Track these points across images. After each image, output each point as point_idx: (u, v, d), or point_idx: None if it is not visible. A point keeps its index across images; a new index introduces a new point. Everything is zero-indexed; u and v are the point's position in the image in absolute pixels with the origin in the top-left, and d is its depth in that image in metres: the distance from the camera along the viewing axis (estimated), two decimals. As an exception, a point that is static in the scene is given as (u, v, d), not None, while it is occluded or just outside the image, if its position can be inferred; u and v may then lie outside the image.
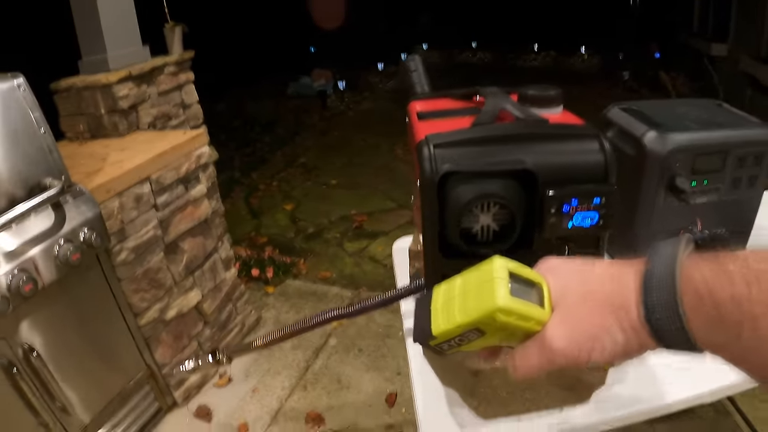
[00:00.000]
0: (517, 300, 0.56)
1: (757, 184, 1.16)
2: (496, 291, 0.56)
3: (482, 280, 0.59)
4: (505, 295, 0.56)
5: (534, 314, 0.56)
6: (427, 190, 0.71)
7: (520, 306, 0.56)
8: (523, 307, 0.56)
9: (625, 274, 0.56)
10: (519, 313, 0.56)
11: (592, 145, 0.74)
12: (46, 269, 1.73)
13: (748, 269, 0.45)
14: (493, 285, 0.57)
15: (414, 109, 0.94)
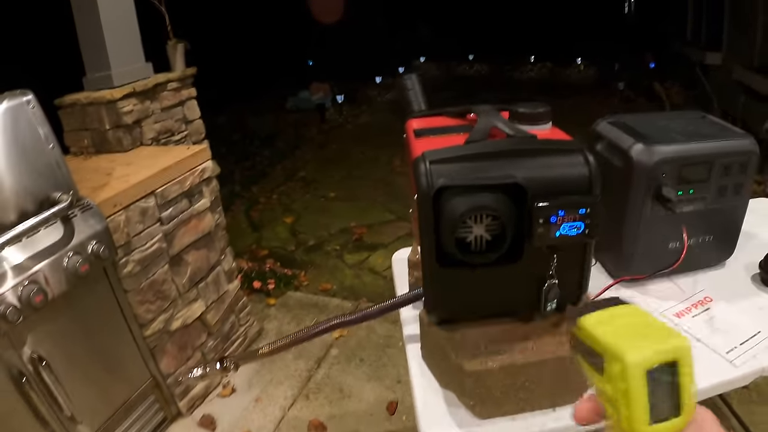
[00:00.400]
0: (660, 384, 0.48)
1: (743, 191, 1.22)
2: (641, 351, 0.48)
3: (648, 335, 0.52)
4: (643, 360, 0.47)
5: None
6: (424, 203, 0.76)
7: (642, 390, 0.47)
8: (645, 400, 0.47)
9: None
10: (638, 390, 0.47)
11: (578, 159, 0.79)
12: (56, 281, 1.78)
13: None
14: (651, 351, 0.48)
15: (411, 127, 1.00)
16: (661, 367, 0.47)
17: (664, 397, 0.47)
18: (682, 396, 0.47)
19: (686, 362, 0.48)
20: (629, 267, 1.25)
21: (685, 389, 0.48)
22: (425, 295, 0.91)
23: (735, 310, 1.16)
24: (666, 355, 0.47)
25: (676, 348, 0.48)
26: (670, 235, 1.22)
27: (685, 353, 0.48)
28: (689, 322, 1.13)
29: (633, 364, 0.47)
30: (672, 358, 0.47)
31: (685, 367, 0.48)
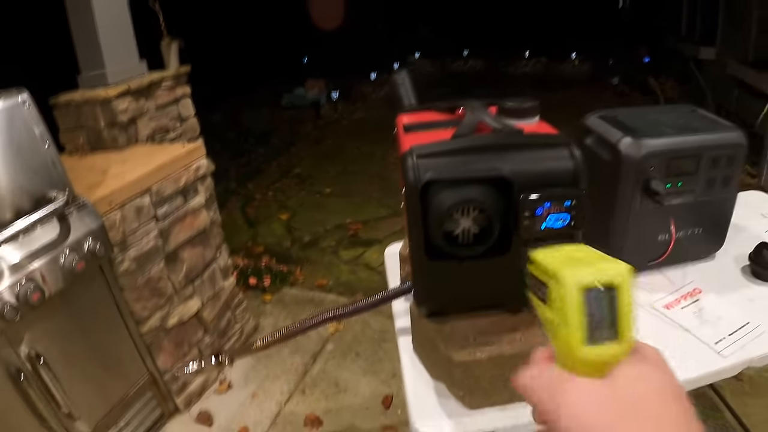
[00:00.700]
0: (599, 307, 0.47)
1: (732, 184, 1.24)
2: (582, 270, 0.48)
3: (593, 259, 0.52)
4: (580, 279, 0.47)
5: (606, 352, 0.47)
6: (411, 197, 0.77)
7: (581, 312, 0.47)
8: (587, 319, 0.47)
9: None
10: (580, 315, 0.47)
11: (563, 152, 0.80)
12: (53, 279, 1.79)
13: None
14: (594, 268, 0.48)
15: (401, 122, 1.01)
16: (599, 290, 0.47)
17: (602, 322, 0.47)
18: (621, 322, 0.47)
19: (625, 288, 0.47)
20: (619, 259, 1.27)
21: (625, 316, 0.47)
22: (414, 287, 0.92)
23: (724, 301, 1.18)
24: (604, 276, 0.47)
25: (615, 272, 0.48)
26: (659, 227, 1.23)
27: (624, 279, 0.48)
28: (678, 313, 1.14)
29: (569, 283, 0.47)
30: (611, 282, 0.47)
31: (625, 294, 0.47)
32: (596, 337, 0.46)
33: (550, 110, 0.99)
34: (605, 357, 0.47)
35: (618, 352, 0.47)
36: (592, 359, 0.47)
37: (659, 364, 0.49)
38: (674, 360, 0.99)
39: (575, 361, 0.47)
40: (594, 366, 0.47)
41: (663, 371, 0.48)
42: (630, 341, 0.47)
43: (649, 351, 0.50)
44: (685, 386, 0.98)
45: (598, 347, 0.46)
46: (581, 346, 0.46)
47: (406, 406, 0.99)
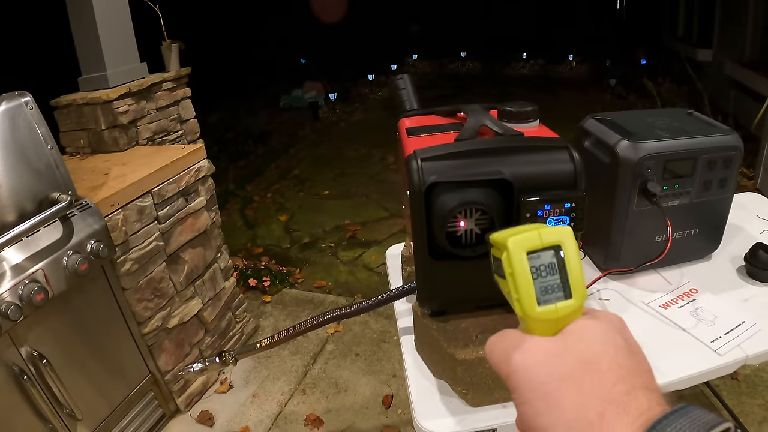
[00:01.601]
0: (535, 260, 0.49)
1: (728, 186, 1.26)
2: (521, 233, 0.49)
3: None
4: (522, 241, 0.49)
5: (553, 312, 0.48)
6: (416, 199, 0.79)
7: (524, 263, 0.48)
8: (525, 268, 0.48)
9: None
10: (521, 273, 0.48)
11: (563, 156, 0.83)
12: (56, 280, 1.81)
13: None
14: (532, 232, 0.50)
15: (403, 125, 1.03)
16: (543, 250, 0.49)
17: (552, 282, 0.48)
18: (571, 281, 0.49)
19: (569, 247, 0.49)
20: (616, 260, 1.29)
21: (573, 273, 0.49)
22: (418, 287, 0.94)
23: (720, 301, 1.20)
24: (546, 237, 0.49)
25: (556, 231, 0.50)
26: (656, 228, 1.25)
27: (567, 238, 0.49)
28: (675, 313, 1.16)
29: (512, 245, 0.48)
30: (553, 242, 0.49)
31: (570, 252, 0.49)
32: (547, 297, 0.48)
33: (547, 111, 1.01)
34: (557, 315, 0.48)
35: (570, 309, 0.48)
36: (544, 318, 0.48)
37: (613, 320, 0.49)
38: (672, 358, 1.02)
39: (531, 322, 0.49)
40: (548, 324, 0.48)
41: (616, 327, 0.48)
42: (581, 297, 0.49)
43: (604, 312, 0.51)
44: (682, 384, 1.01)
45: (550, 306, 0.48)
46: (534, 307, 0.48)
47: (406, 405, 1.01)
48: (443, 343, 0.93)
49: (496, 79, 9.45)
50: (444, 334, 0.94)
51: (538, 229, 0.50)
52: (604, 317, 0.50)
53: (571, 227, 0.81)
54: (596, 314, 0.50)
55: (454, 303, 0.96)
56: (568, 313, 0.48)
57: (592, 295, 1.27)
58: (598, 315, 0.50)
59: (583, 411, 0.42)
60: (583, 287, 0.49)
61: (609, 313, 0.51)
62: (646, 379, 0.45)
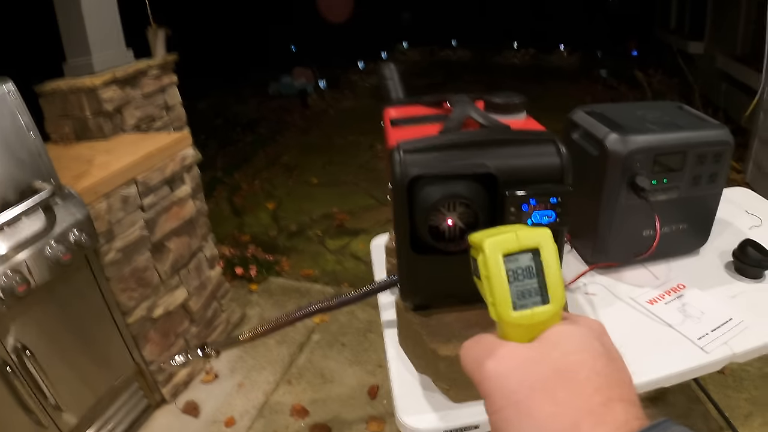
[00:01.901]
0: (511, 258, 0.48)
1: (717, 181, 1.25)
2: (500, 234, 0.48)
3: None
4: (498, 243, 0.48)
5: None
6: (398, 192, 0.77)
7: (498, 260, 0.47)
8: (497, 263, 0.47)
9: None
10: (495, 271, 0.47)
11: (549, 149, 0.81)
12: (38, 270, 1.78)
13: None
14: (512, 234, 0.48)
15: (388, 116, 1.01)
16: (521, 253, 0.48)
17: (529, 286, 0.47)
18: (549, 285, 0.47)
19: (548, 250, 0.48)
20: (604, 254, 1.28)
21: (551, 278, 0.48)
22: (400, 282, 0.93)
23: (707, 297, 1.19)
24: (523, 239, 0.48)
25: (535, 233, 0.48)
26: (645, 223, 1.24)
27: (545, 241, 0.48)
28: (662, 309, 1.15)
29: (488, 247, 0.47)
30: (531, 245, 0.48)
31: (548, 255, 0.48)
32: (524, 302, 0.47)
33: (537, 102, 0.99)
34: (533, 320, 0.47)
35: (547, 315, 0.47)
36: (519, 323, 0.47)
37: (593, 326, 0.48)
38: (657, 355, 1.01)
39: (506, 327, 0.47)
40: (524, 330, 0.47)
41: (596, 334, 0.47)
42: (559, 303, 0.47)
43: (584, 317, 0.50)
44: (668, 381, 1.00)
45: (526, 311, 0.47)
46: (509, 312, 0.46)
47: (391, 396, 0.99)
48: (425, 338, 0.91)
49: (487, 67, 9.42)
50: (427, 328, 0.93)
51: (516, 230, 0.49)
52: (584, 323, 0.48)
53: (556, 222, 0.80)
54: (575, 320, 0.49)
55: (437, 297, 0.94)
56: (545, 319, 0.47)
57: (578, 289, 1.26)
58: (578, 320, 0.49)
59: (557, 421, 0.41)
60: (561, 292, 0.48)
61: (589, 319, 0.49)
62: (625, 390, 0.44)
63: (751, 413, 2.18)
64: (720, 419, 2.16)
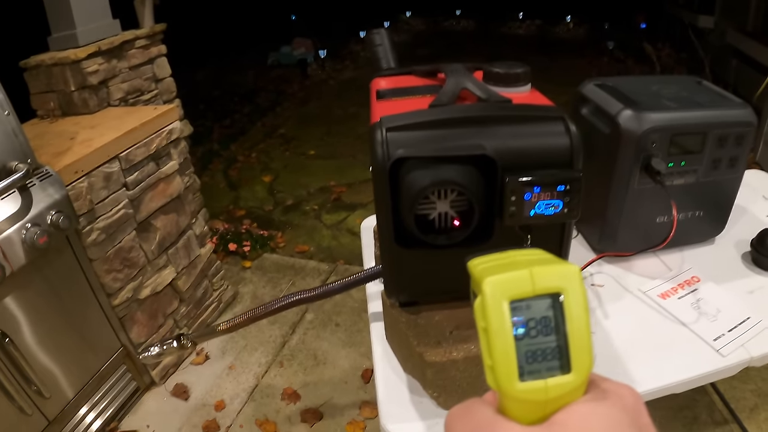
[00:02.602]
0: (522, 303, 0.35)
1: (738, 165, 1.13)
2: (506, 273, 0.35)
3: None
4: (503, 285, 0.35)
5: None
6: (379, 176, 0.67)
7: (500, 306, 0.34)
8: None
9: None
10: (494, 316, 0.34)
11: (557, 127, 0.70)
12: (14, 254, 1.69)
13: None
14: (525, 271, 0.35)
15: (375, 87, 0.90)
16: (535, 299, 0.34)
17: (543, 344, 0.34)
18: (571, 346, 0.34)
19: (575, 298, 0.34)
20: (613, 241, 1.17)
21: (576, 336, 0.34)
22: (384, 277, 0.82)
23: (723, 292, 1.09)
24: (540, 280, 0.34)
25: (558, 274, 0.35)
26: (658, 209, 1.13)
27: (573, 284, 0.35)
28: (675, 304, 1.05)
29: (492, 291, 0.34)
30: (552, 287, 0.34)
31: (574, 306, 0.34)
32: (535, 367, 0.34)
33: (542, 74, 0.88)
34: (546, 396, 0.34)
35: (566, 388, 0.34)
36: (527, 398, 0.34)
37: (627, 404, 0.35)
38: (669, 357, 0.91)
39: (507, 402, 0.35)
40: (532, 407, 0.34)
41: (631, 417, 0.34)
42: (584, 372, 0.34)
43: (616, 388, 0.36)
44: (680, 388, 0.90)
45: (537, 382, 0.34)
46: (513, 381, 0.34)
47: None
48: (412, 340, 0.81)
49: (491, 38, 9.22)
50: (414, 328, 0.82)
51: (532, 266, 0.35)
52: (615, 399, 0.34)
53: (563, 213, 0.70)
54: (604, 393, 0.35)
55: (425, 294, 0.83)
56: (563, 393, 0.34)
57: (585, 280, 1.15)
58: (607, 394, 0.35)
59: None
60: (588, 356, 0.35)
61: (621, 390, 0.36)
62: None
63: (756, 405, 2.09)
64: (725, 411, 2.07)
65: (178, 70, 3.01)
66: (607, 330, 1.00)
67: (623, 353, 0.94)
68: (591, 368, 0.34)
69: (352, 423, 2.20)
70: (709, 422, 2.05)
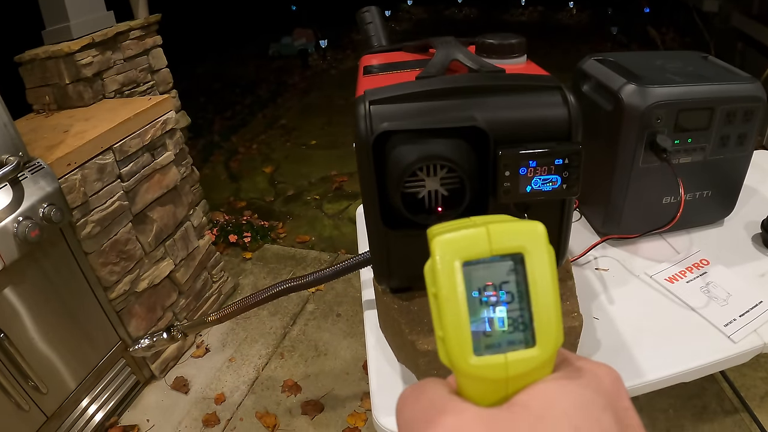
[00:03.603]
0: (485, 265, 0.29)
1: (747, 142, 1.08)
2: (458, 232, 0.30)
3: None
4: (455, 243, 0.29)
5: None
6: (363, 152, 0.62)
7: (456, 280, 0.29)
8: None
9: None
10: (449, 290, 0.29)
11: (554, 98, 0.65)
12: (6, 248, 1.66)
13: None
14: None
15: (364, 64, 0.85)
16: (493, 260, 0.29)
17: (503, 314, 0.29)
18: (537, 313, 0.29)
19: (538, 256, 0.29)
20: (618, 224, 1.12)
21: (541, 299, 0.29)
22: (372, 262, 0.77)
23: (734, 275, 1.04)
24: (497, 238, 0.29)
25: (516, 230, 0.29)
26: (665, 188, 1.08)
27: (534, 240, 0.29)
28: (683, 288, 1.00)
29: (440, 249, 0.29)
30: (512, 247, 0.29)
31: (538, 264, 0.29)
32: (493, 340, 0.29)
33: (544, 59, 0.83)
34: (506, 373, 0.28)
35: (530, 364, 0.29)
36: (484, 375, 0.28)
37: (602, 383, 0.29)
38: (678, 344, 0.86)
39: (463, 378, 0.29)
40: (490, 387, 0.29)
41: (606, 397, 0.28)
42: (550, 346, 0.29)
43: (590, 366, 0.30)
44: (690, 376, 0.85)
45: (495, 357, 0.28)
46: (467, 355, 0.28)
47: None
48: (404, 328, 0.76)
49: (494, 25, 9.12)
50: (406, 316, 0.78)
51: (489, 223, 0.29)
52: (589, 378, 0.29)
53: (562, 189, 0.65)
54: (576, 371, 0.30)
55: (417, 279, 0.79)
56: (527, 371, 0.29)
57: (588, 264, 1.11)
58: (580, 372, 0.29)
59: None
60: (556, 327, 0.29)
61: (598, 370, 0.30)
62: None
63: (767, 394, 2.04)
64: (735, 399, 2.02)
65: (179, 63, 2.97)
66: (611, 316, 0.96)
67: (629, 340, 0.90)
68: (559, 342, 0.29)
69: (354, 415, 2.17)
70: (719, 411, 2.00)
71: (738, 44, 5.20)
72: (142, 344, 1.26)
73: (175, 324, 1.25)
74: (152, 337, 1.25)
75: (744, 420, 1.96)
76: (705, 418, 1.98)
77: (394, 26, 9.42)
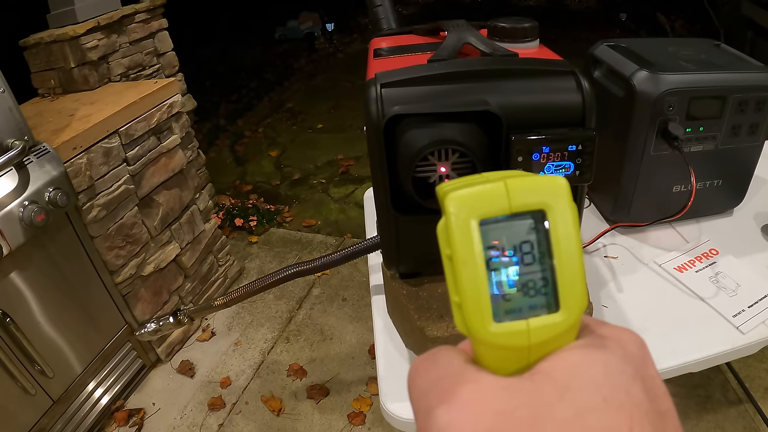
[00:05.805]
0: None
1: (759, 132, 1.07)
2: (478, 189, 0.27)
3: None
4: (470, 200, 0.27)
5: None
6: (374, 136, 0.61)
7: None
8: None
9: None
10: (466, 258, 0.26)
11: (568, 83, 0.64)
12: (12, 233, 1.66)
13: None
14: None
15: (373, 47, 0.84)
16: (512, 218, 0.27)
17: (524, 277, 0.27)
18: (561, 276, 0.27)
19: (562, 213, 0.27)
20: (627, 211, 1.11)
21: (565, 261, 0.27)
22: (382, 247, 0.77)
23: (743, 266, 1.03)
24: (516, 194, 0.26)
25: (538, 185, 0.27)
26: (675, 177, 1.07)
27: (557, 196, 0.27)
28: (692, 278, 0.99)
29: (454, 207, 0.26)
30: (532, 203, 0.27)
31: (562, 222, 0.27)
32: (514, 305, 0.27)
33: (552, 44, 0.82)
34: (528, 340, 0.26)
35: (554, 331, 0.26)
36: (505, 343, 0.26)
37: (630, 352, 0.27)
38: (686, 334, 0.86)
39: (481, 346, 0.27)
40: (510, 355, 0.27)
41: (634, 367, 0.26)
42: (575, 310, 0.27)
43: (616, 332, 0.28)
44: (698, 366, 0.85)
45: (516, 323, 0.26)
46: (486, 322, 0.26)
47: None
48: (413, 314, 0.76)
49: (501, 9, 9.03)
50: (415, 301, 0.78)
51: (506, 178, 0.27)
52: (615, 346, 0.27)
53: (575, 176, 0.64)
54: (600, 338, 0.28)
55: (427, 264, 0.78)
56: (550, 338, 0.26)
57: (597, 251, 1.10)
58: (606, 340, 0.27)
59: None
60: (581, 290, 0.27)
61: (624, 336, 0.28)
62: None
63: (773, 385, 2.04)
64: (739, 390, 2.02)
65: (184, 47, 2.95)
66: (620, 304, 0.95)
67: (637, 328, 0.89)
68: (584, 306, 0.27)
69: (359, 399, 2.17)
70: (723, 401, 2.00)
71: (748, 32, 5.15)
72: (148, 328, 1.26)
73: (182, 308, 1.25)
74: (158, 321, 1.25)
75: (748, 411, 1.95)
76: (709, 408, 1.98)
77: (401, 10, 9.35)
